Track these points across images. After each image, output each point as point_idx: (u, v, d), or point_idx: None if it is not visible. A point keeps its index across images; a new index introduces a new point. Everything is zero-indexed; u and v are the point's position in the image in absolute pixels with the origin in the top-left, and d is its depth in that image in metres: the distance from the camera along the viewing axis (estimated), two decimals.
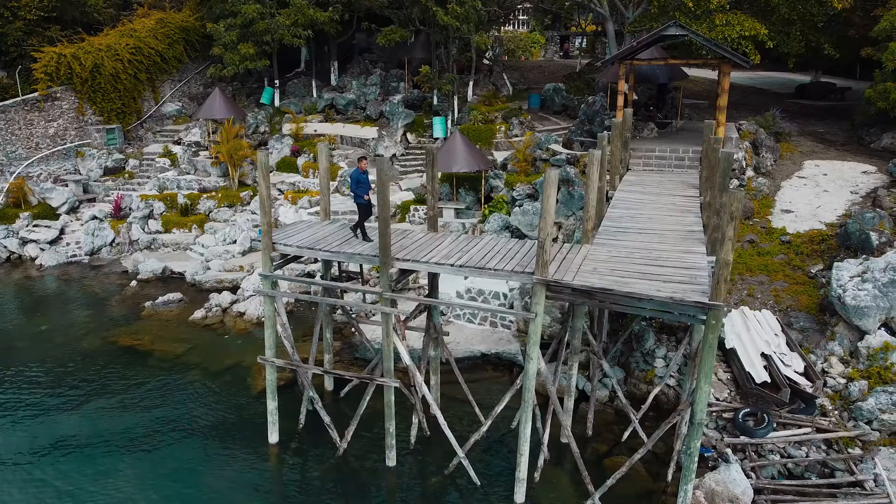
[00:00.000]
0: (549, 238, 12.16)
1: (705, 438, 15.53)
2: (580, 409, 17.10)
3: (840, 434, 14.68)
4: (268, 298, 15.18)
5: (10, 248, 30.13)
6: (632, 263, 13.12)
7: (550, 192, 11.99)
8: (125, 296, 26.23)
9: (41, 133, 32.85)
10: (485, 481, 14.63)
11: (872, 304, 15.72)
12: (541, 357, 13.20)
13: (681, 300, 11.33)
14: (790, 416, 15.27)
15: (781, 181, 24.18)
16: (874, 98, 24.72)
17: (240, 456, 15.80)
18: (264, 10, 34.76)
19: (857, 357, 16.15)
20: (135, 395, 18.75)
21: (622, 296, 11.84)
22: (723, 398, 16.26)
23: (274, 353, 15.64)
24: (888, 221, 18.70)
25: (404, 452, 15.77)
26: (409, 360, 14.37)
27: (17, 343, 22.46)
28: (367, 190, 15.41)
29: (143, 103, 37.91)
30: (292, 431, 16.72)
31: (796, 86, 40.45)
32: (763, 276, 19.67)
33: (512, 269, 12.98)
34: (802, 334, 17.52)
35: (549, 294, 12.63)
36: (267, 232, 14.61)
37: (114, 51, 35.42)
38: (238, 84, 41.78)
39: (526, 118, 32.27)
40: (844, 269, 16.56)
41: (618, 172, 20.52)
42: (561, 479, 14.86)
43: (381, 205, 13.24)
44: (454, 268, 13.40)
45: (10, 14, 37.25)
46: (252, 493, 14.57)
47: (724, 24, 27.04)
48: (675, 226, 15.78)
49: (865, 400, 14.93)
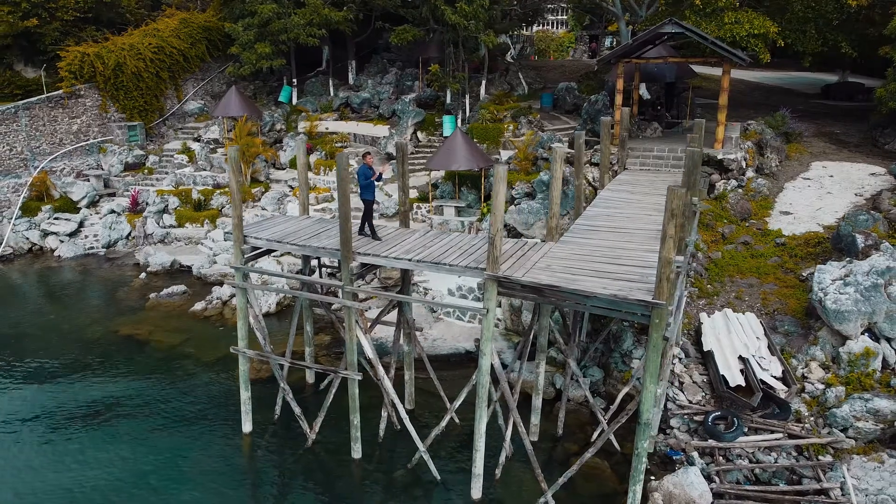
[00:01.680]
0: (500, 234, 12.17)
1: (675, 441, 15.34)
2: (556, 407, 17.02)
3: (811, 441, 14.31)
4: (240, 290, 15.53)
5: (32, 240, 31.36)
6: (589, 261, 13.03)
7: (500, 188, 12.00)
8: (133, 287, 27.06)
9: (65, 129, 34.06)
10: (446, 476, 14.71)
11: (854, 309, 15.26)
12: (495, 353, 13.20)
13: (624, 298, 11.23)
14: (762, 420, 14.95)
15: (785, 182, 23.59)
16: (885, 98, 23.91)
17: (213, 443, 16.22)
18: (281, 9, 35.38)
19: (838, 363, 15.70)
20: (124, 381, 19.43)
21: (569, 293, 11.79)
22: (696, 401, 16.00)
23: (246, 343, 15.99)
24: (883, 224, 18.11)
25: (373, 445, 15.94)
26: (371, 354, 14.53)
27: (27, 329, 23.40)
28: (373, 185, 15.17)
29: (165, 101, 38.96)
30: (268, 421, 17.08)
31: (822, 86, 39.35)
32: (753, 279, 19.25)
33: (466, 264, 13.03)
34: (787, 338, 17.10)
35: (501, 290, 12.64)
36: (237, 225, 14.95)
37: (136, 50, 36.49)
38: (260, 82, 42.60)
39: (535, 117, 32.10)
40: (826, 272, 16.11)
41: (607, 171, 20.33)
42: (522, 476, 14.82)
43: (341, 200, 13.42)
44: (411, 262, 13.52)
45: (47, 15, 38.80)
46: (216, 477, 14.95)
47: (732, 23, 26.45)
48: (651, 225, 15.56)
49: (840, 407, 14.54)
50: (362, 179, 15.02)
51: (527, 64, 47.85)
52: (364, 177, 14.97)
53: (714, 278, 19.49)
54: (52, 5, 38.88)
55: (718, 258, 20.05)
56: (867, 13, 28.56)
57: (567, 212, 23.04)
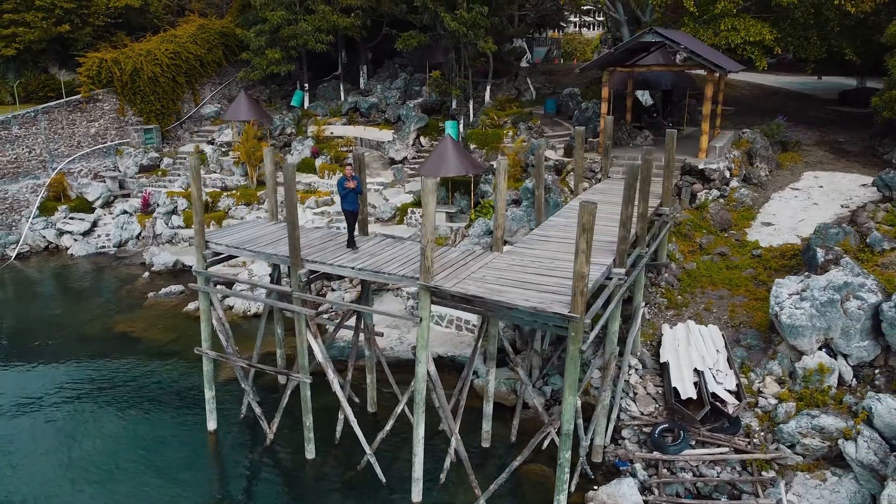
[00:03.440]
0: (430, 244, 12.47)
1: (623, 451, 15.43)
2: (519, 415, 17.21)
3: (755, 456, 14.25)
4: (202, 294, 16.16)
5: (49, 238, 32.78)
6: (524, 272, 13.24)
7: (429, 199, 12.30)
8: (135, 286, 28.10)
9: (83, 132, 35.46)
10: (392, 479, 15.07)
11: (808, 324, 15.10)
12: (431, 361, 13.52)
13: (542, 311, 11.44)
14: (709, 434, 14.93)
15: (773, 192, 23.28)
16: (880, 107, 23.39)
17: (177, 439, 16.89)
18: (290, 16, 36.20)
19: (794, 378, 15.56)
20: (109, 375, 20.44)
21: (493, 304, 12.04)
22: (648, 412, 16.04)
23: (209, 345, 16.61)
24: (854, 238, 17.81)
25: (329, 446, 16.40)
26: (321, 358, 14.97)
27: (31, 324, 24.59)
28: (352, 196, 15.19)
29: (182, 104, 40.18)
30: (234, 420, 17.70)
31: (840, 91, 38.47)
32: (725, 290, 19.13)
33: (404, 274, 13.37)
34: (749, 351, 16.98)
35: (435, 300, 12.94)
36: (199, 231, 15.57)
37: (153, 56, 37.74)
38: (276, 86, 43.60)
39: (535, 123, 32.19)
40: (784, 286, 15.95)
41: (582, 180, 20.42)
42: (466, 481, 15.04)
43: (289, 207, 13.90)
44: (354, 270, 13.92)
45: (79, 21, 40.52)
46: (174, 471, 15.60)
47: (728, 30, 26.20)
48: (604, 236, 15.60)
49: (788, 423, 14.43)
50: (340, 190, 15.21)
51: (545, 68, 47.85)
52: (341, 187, 15.14)
53: (685, 289, 19.42)
54: (85, 11, 40.64)
55: (693, 269, 19.96)
56: (874, 19, 27.94)
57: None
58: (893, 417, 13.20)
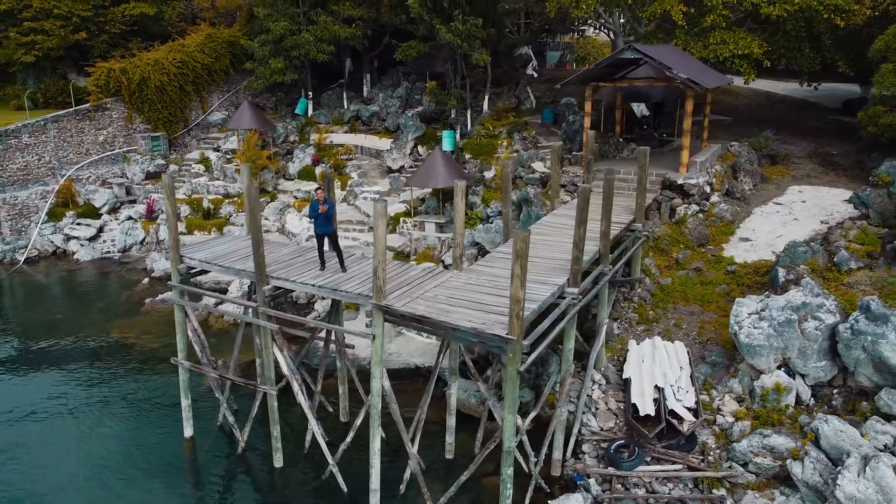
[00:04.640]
0: (382, 264, 12.91)
1: (581, 466, 15.72)
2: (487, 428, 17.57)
3: (707, 474, 14.47)
4: (177, 306, 16.78)
5: (56, 243, 33.87)
6: (474, 292, 13.62)
7: (380, 222, 12.75)
8: (135, 292, 28.97)
9: (91, 140, 36.52)
10: (354, 489, 15.53)
11: (766, 344, 15.27)
12: (386, 375, 13.95)
13: (482, 332, 11.82)
14: (664, 451, 15.18)
15: (755, 207, 23.32)
16: (865, 122, 23.32)
17: (155, 446, 17.55)
18: (293, 27, 36.91)
19: (753, 397, 15.73)
20: (98, 379, 21.20)
21: (438, 324, 12.45)
22: (608, 427, 16.32)
23: (185, 355, 17.23)
24: (822, 257, 17.88)
25: (297, 454, 16.93)
26: (287, 371, 15.50)
27: (30, 328, 25.57)
28: (323, 219, 15.20)
29: (190, 112, 41.13)
30: (210, 427, 18.33)
31: (843, 101, 38.11)
32: (696, 306, 19.30)
33: (360, 292, 13.83)
34: (713, 369, 17.17)
35: (387, 318, 13.38)
36: (174, 246, 16.18)
37: (161, 65, 38.71)
38: (282, 94, 44.38)
39: (530, 133, 32.46)
40: (744, 305, 16.14)
41: (557, 195, 20.72)
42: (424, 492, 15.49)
43: (252, 226, 14.44)
44: (315, 287, 14.42)
45: (96, 29, 41.77)
46: (147, 477, 16.25)
47: (717, 43, 26.28)
48: (563, 255, 15.94)
49: (740, 441, 14.63)
50: (311, 213, 15.25)
51: (552, 75, 47.93)
52: (313, 210, 15.19)
53: (658, 304, 19.62)
54: (101, 19, 41.90)
55: (668, 284, 20.14)
56: (868, 31, 27.79)
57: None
58: (839, 439, 13.36)
